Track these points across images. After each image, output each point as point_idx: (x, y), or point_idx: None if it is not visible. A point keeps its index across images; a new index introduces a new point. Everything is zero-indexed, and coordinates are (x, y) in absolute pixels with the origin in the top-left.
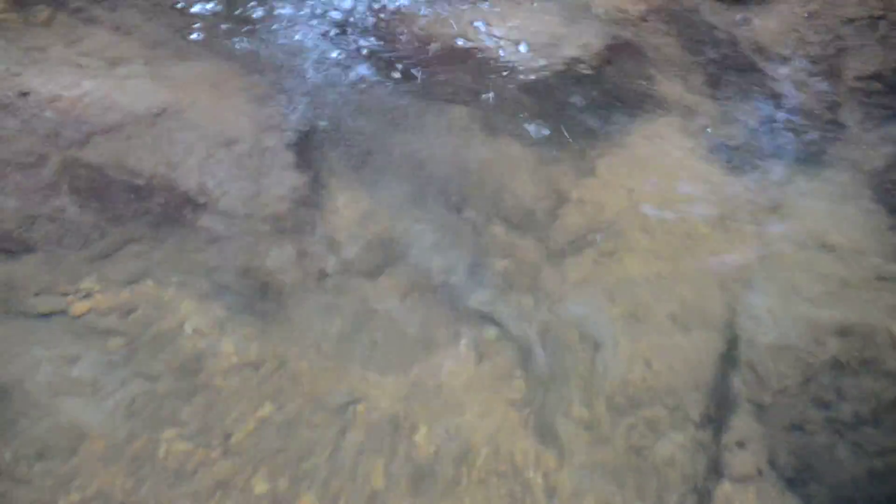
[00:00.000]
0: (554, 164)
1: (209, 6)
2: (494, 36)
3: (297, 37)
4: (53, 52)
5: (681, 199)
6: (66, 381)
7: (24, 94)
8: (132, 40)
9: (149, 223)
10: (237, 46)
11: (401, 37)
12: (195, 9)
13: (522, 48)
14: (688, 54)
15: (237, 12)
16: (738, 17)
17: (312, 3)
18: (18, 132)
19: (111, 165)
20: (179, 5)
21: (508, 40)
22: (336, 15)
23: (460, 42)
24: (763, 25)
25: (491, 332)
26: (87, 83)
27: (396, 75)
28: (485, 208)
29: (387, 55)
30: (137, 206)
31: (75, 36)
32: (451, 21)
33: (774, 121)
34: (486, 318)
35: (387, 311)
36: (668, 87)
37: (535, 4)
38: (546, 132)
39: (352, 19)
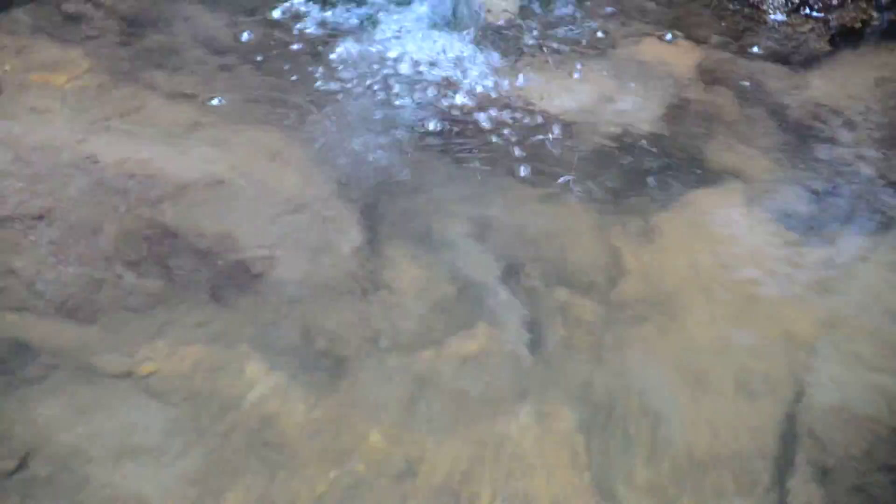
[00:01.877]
0: (614, 229)
1: (268, 75)
2: (551, 102)
3: (358, 105)
4: (116, 119)
5: (743, 264)
6: (129, 447)
7: (90, 160)
8: (191, 107)
9: (212, 288)
10: (298, 114)
11: (459, 107)
12: (254, 77)
13: (579, 114)
14: (748, 118)
15: (295, 78)
16: (800, 81)
17: (373, 73)
18: (84, 198)
19: (174, 230)
20: (236, 69)
21: (564, 106)
22: (397, 87)
23: (516, 110)
24: (826, 90)
25: (553, 396)
26: (150, 149)
27: (456, 145)
28: (546, 274)
29: (447, 126)
30: (201, 271)
31: (136, 103)
32: (506, 89)
33: (838, 187)
34: (549, 383)
35: (448, 376)
36: (728, 151)
37: (590, 70)
38: (604, 197)
39: (415, 93)
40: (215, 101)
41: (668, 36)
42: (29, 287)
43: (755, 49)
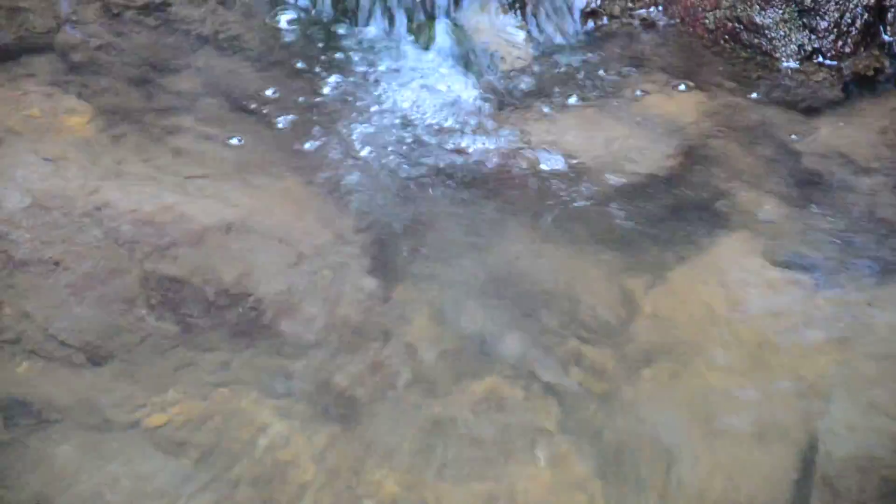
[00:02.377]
0: (626, 275)
1: (287, 122)
2: (562, 149)
3: (374, 152)
4: (129, 167)
5: (756, 310)
6: (144, 495)
7: (104, 208)
8: (206, 154)
9: (226, 333)
10: (310, 160)
11: (470, 154)
12: (271, 124)
13: (590, 161)
14: (761, 165)
15: (314, 125)
16: (813, 128)
17: (389, 121)
18: (99, 244)
19: (188, 276)
20: (255, 120)
21: (575, 153)
22: (412, 133)
23: (527, 156)
24: (839, 137)
25: (566, 441)
26: (164, 196)
27: (466, 191)
28: (558, 320)
29: (458, 173)
30: (214, 317)
31: (151, 151)
32: (516, 135)
33: (854, 234)
34: (562, 428)
35: (462, 421)
36: (742, 198)
37: (602, 118)
38: (617, 244)
39: (430, 139)
40: (230, 148)
41: (681, 85)
42: (43, 333)
43: (768, 96)
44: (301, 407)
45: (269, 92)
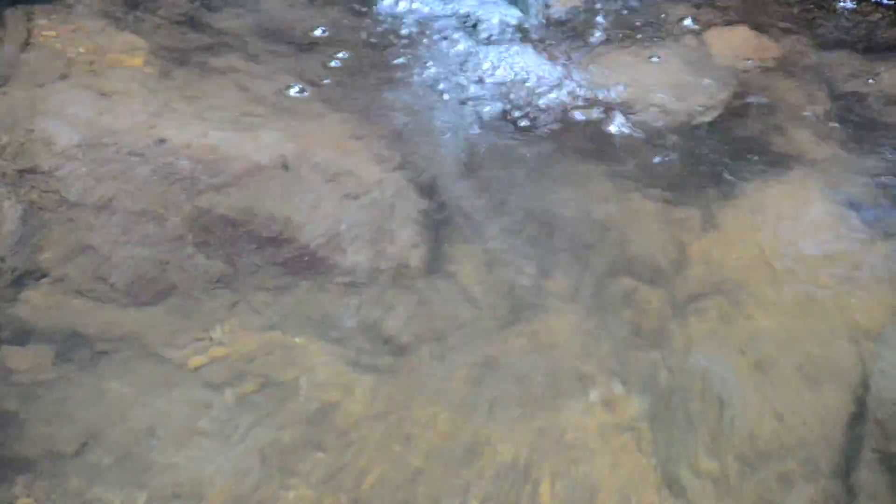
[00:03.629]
0: (680, 217)
1: (337, 58)
2: (616, 90)
3: (429, 92)
4: (183, 104)
5: (810, 253)
6: (194, 429)
7: (161, 142)
8: (260, 91)
9: (276, 273)
10: (364, 98)
11: (526, 94)
12: (325, 63)
13: (644, 102)
14: (818, 107)
15: (366, 64)
16: (870, 69)
17: (445, 61)
18: (151, 181)
19: (240, 215)
20: (305, 58)
21: (630, 94)
22: (467, 73)
23: (582, 97)
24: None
25: (617, 383)
26: (216, 134)
27: (521, 132)
28: (610, 261)
29: (513, 113)
30: (265, 256)
31: (203, 88)
32: (570, 76)
33: None
34: (613, 371)
35: (511, 363)
36: (798, 140)
37: (656, 58)
38: (669, 185)
39: (485, 80)
40: (283, 87)
41: (738, 25)
42: (95, 270)
43: (824, 37)
44: (350, 348)
45: (321, 31)
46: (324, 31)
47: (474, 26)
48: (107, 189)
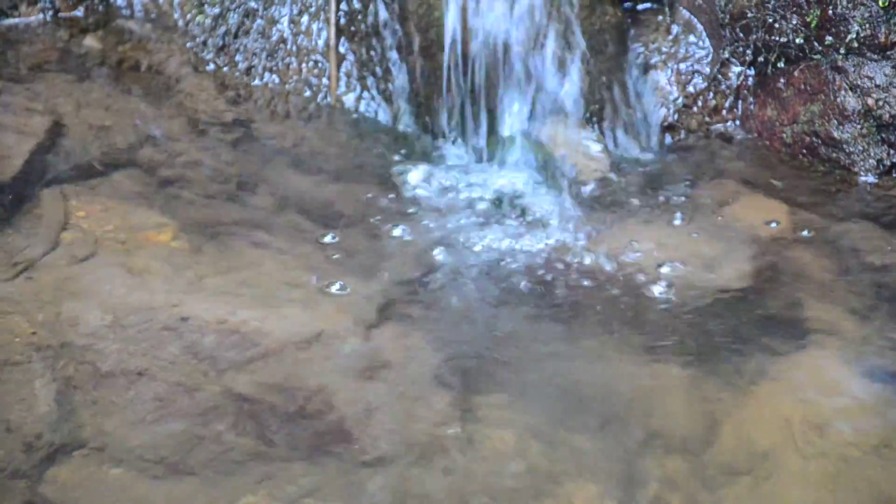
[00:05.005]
0: (707, 386)
1: (368, 235)
2: (642, 259)
3: (456, 264)
4: (212, 281)
5: (838, 425)
6: None
7: (186, 320)
8: (286, 268)
9: (304, 448)
10: (387, 274)
11: (551, 262)
12: (354, 236)
13: (671, 271)
14: (840, 279)
15: (394, 240)
16: (893, 242)
17: (471, 233)
18: (180, 359)
19: (268, 390)
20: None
21: (656, 263)
22: (494, 245)
23: (609, 266)
24: None
25: None
26: (245, 311)
27: (549, 300)
28: (637, 432)
29: (540, 281)
30: (293, 431)
31: (232, 264)
32: (597, 246)
33: None
34: None
35: None
36: (821, 312)
37: (681, 227)
38: (697, 354)
39: (512, 251)
40: (310, 263)
41: (758, 196)
42: (125, 443)
43: (847, 210)
44: None
45: (347, 206)
46: (354, 209)
47: (501, 202)
48: (138, 364)
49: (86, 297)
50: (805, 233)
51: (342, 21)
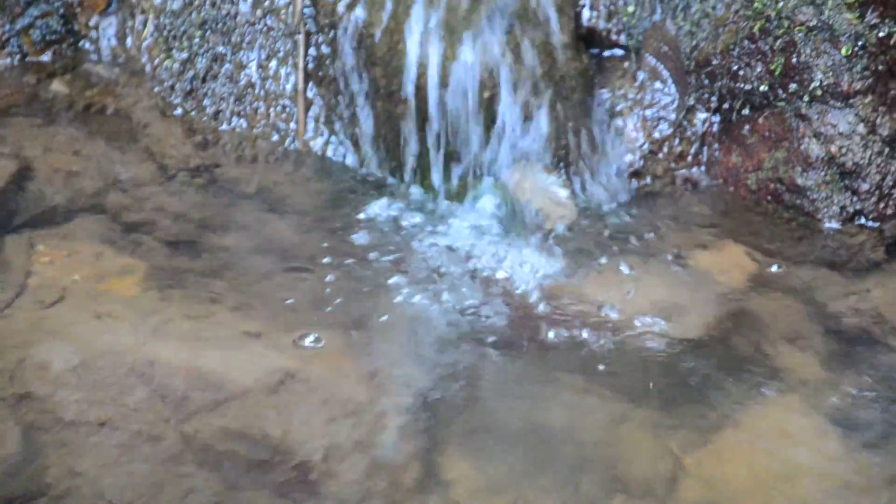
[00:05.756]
0: (670, 435)
1: (337, 280)
2: (605, 308)
3: (423, 312)
4: (178, 325)
5: (803, 473)
6: None
7: (152, 364)
8: (253, 312)
9: (270, 492)
10: (354, 319)
11: (513, 310)
12: (321, 283)
13: (633, 319)
14: (805, 327)
15: (364, 285)
16: (855, 288)
17: (437, 280)
18: (146, 403)
19: (234, 434)
20: (302, 277)
21: (619, 311)
22: (458, 292)
23: (570, 314)
24: (881, 298)
25: None
26: (211, 354)
27: (510, 348)
28: (602, 479)
29: (502, 329)
30: (259, 475)
31: (199, 311)
32: (560, 293)
33: None
34: None
35: None
36: (785, 359)
37: (644, 276)
38: (660, 403)
39: (475, 298)
40: (276, 306)
41: (724, 244)
42: (91, 490)
43: (810, 257)
44: None
45: (313, 251)
46: (319, 252)
47: (465, 246)
48: (103, 411)
49: (50, 343)
50: (769, 279)
51: (310, 66)
